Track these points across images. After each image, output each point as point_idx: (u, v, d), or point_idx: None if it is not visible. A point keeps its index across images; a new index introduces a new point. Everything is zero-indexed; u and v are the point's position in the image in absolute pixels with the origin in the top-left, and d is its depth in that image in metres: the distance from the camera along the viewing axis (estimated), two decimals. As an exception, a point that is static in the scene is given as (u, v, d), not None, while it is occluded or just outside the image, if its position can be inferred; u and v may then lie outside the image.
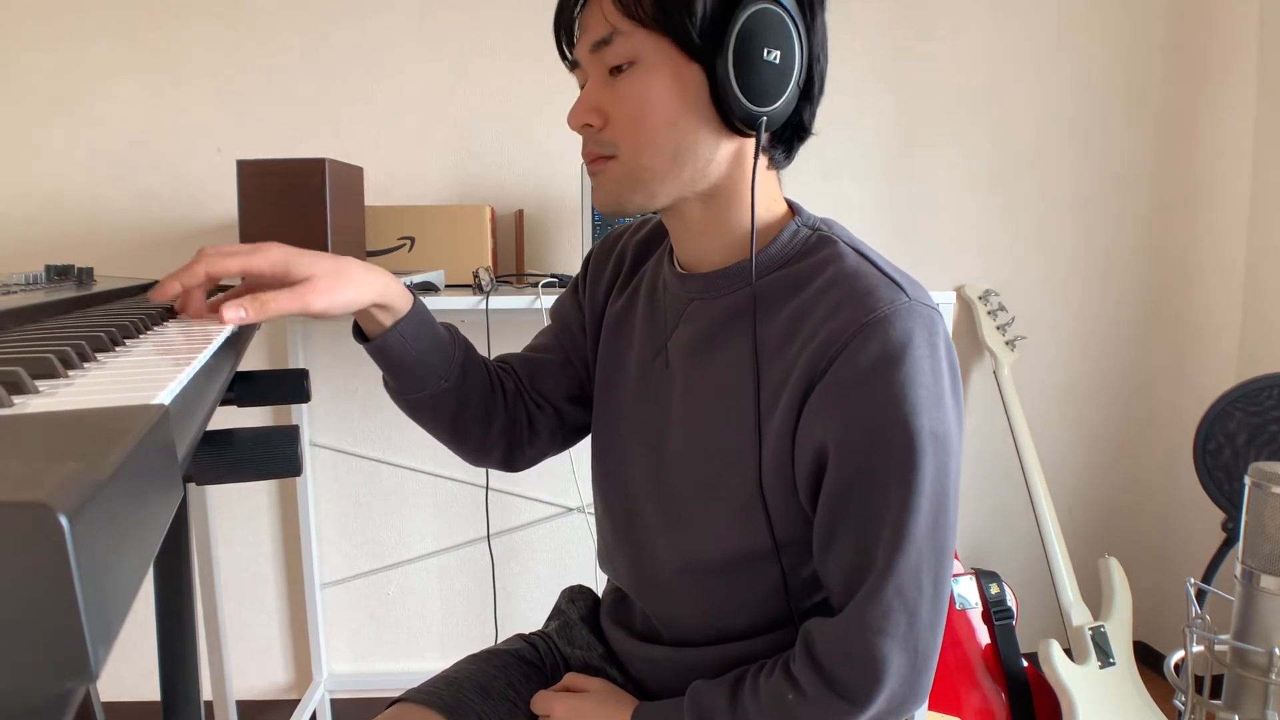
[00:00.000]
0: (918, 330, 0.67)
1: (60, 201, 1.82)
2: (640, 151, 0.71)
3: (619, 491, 0.87)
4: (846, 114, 1.94)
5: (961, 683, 1.76)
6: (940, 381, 0.68)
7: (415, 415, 0.88)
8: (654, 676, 0.87)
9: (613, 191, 0.74)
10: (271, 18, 1.81)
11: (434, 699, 0.85)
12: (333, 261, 0.74)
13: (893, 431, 0.66)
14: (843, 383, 0.67)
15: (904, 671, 0.69)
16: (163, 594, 1.00)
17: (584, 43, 0.72)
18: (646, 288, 0.86)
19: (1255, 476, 0.96)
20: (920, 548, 0.68)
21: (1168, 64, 1.98)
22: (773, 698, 0.73)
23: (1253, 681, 0.96)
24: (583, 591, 1.01)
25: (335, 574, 1.98)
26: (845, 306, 0.68)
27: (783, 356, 0.72)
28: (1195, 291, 2.03)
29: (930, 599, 0.69)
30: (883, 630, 0.68)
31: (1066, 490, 2.10)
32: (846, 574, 0.70)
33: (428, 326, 0.82)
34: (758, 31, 0.67)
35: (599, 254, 0.94)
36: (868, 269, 0.71)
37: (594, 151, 0.74)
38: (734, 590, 0.79)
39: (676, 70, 0.69)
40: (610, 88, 0.72)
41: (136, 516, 0.26)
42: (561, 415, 0.94)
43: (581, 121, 0.73)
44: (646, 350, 0.84)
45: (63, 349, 0.45)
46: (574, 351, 0.94)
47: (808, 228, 0.76)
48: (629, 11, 0.69)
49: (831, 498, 0.70)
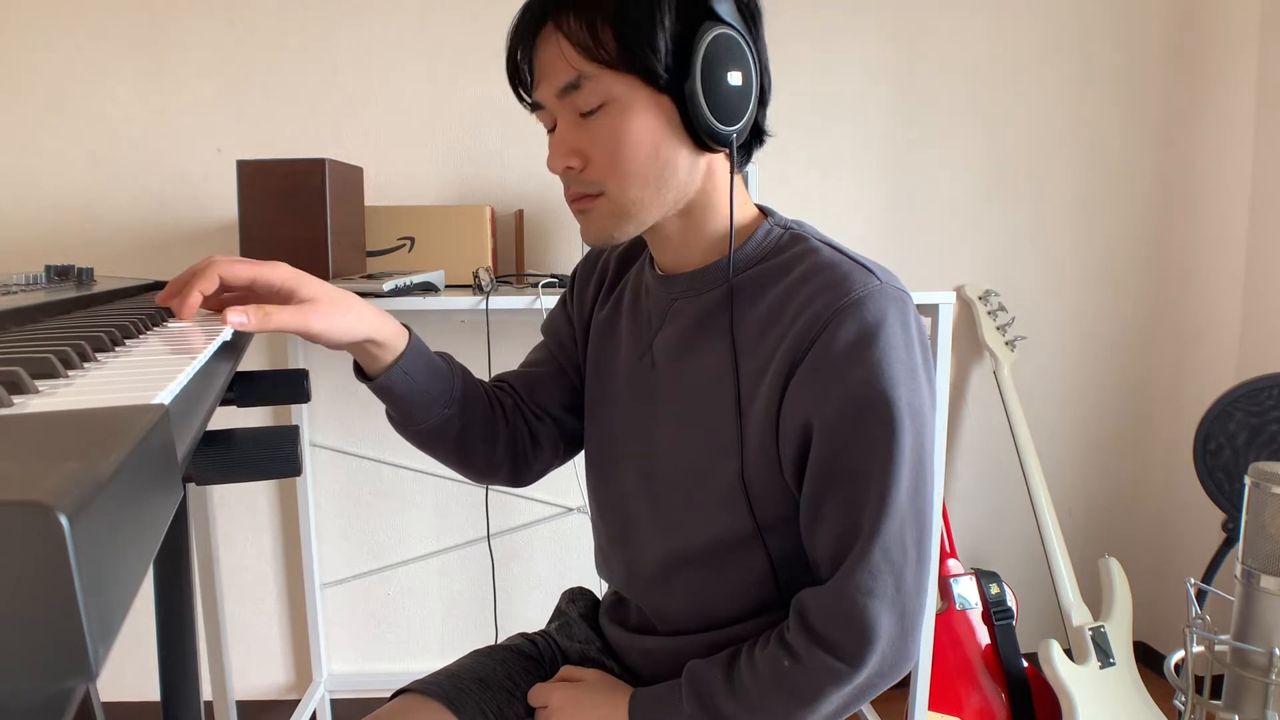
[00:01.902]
0: (891, 310, 0.71)
1: (60, 201, 1.82)
2: (627, 186, 0.74)
3: (612, 494, 0.90)
4: (846, 114, 1.94)
5: (961, 683, 1.76)
6: (914, 357, 0.72)
7: (420, 444, 0.89)
8: (649, 667, 0.89)
9: (604, 227, 0.76)
10: (271, 18, 1.81)
11: (435, 689, 0.87)
12: (337, 292, 0.76)
13: (873, 404, 0.69)
14: (823, 362, 0.70)
15: (893, 633, 0.72)
16: (163, 594, 1.00)
17: (547, 87, 0.74)
18: (630, 294, 0.89)
19: (1255, 476, 0.96)
20: (904, 513, 0.71)
21: (1168, 64, 1.98)
22: (769, 667, 0.75)
23: (1253, 681, 0.96)
24: (582, 592, 1.04)
25: (335, 574, 1.98)
26: (823, 293, 0.72)
27: (764, 344, 0.75)
28: (1195, 291, 2.03)
29: (914, 563, 0.72)
30: (871, 592, 0.71)
31: (1066, 490, 2.10)
32: (834, 543, 0.73)
33: (426, 359, 0.85)
34: (719, 56, 0.71)
35: (583, 268, 0.98)
36: (840, 258, 0.75)
37: (579, 191, 0.76)
38: (724, 579, 0.81)
39: (648, 104, 0.72)
40: (584, 128, 0.74)
41: (136, 516, 0.26)
42: (560, 425, 0.96)
43: (563, 166, 0.75)
44: (632, 353, 0.87)
45: (63, 349, 0.45)
46: (567, 362, 0.97)
47: (780, 227, 0.81)
48: (592, 55, 0.71)
49: (817, 471, 0.73)
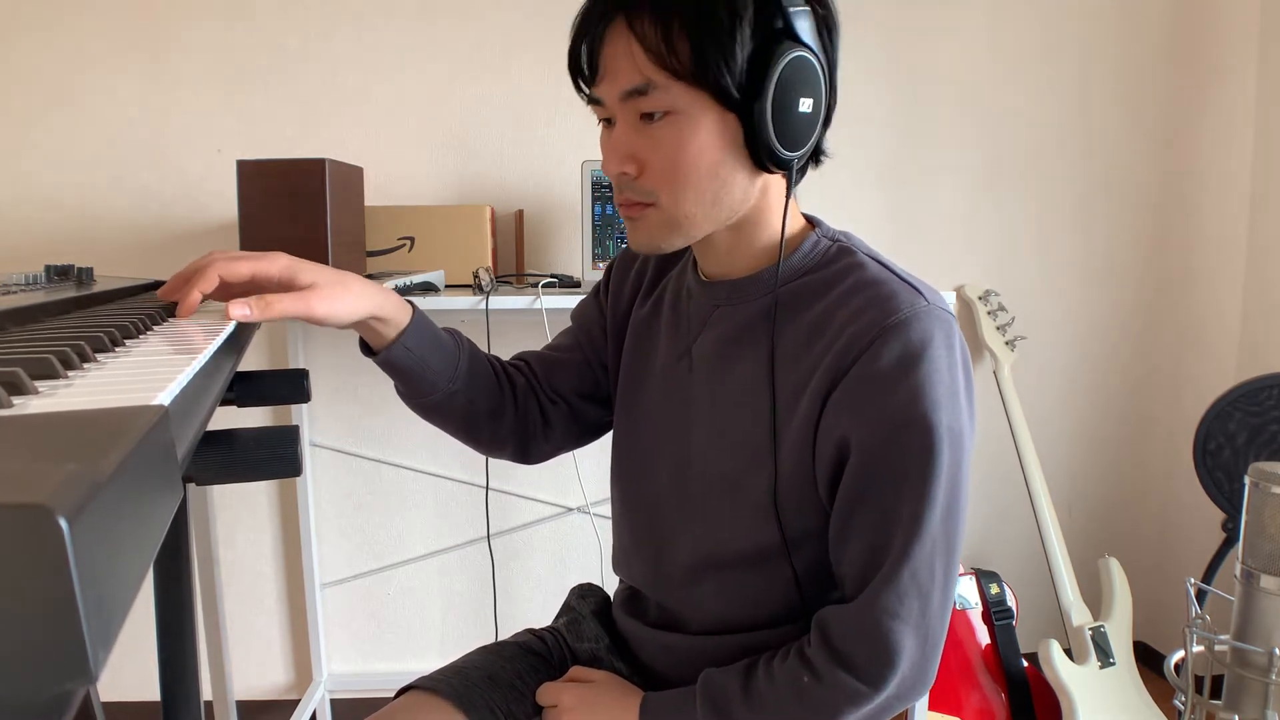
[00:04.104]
0: (936, 332, 0.70)
1: (60, 201, 1.82)
2: (682, 201, 0.73)
3: (642, 492, 0.89)
4: (846, 114, 1.94)
5: (961, 683, 1.76)
6: (956, 380, 0.71)
7: (427, 416, 0.90)
8: (668, 663, 0.88)
9: (654, 236, 0.75)
10: (271, 18, 1.81)
11: (443, 686, 0.86)
12: (335, 273, 0.76)
13: (913, 426, 0.69)
14: (865, 380, 0.69)
15: (915, 656, 0.72)
16: (163, 594, 1.00)
17: (611, 86, 0.71)
18: (670, 295, 0.89)
19: (1255, 476, 0.96)
20: (935, 537, 0.70)
21: (1168, 64, 1.98)
22: (787, 681, 0.74)
23: (1253, 681, 0.96)
24: (592, 589, 1.03)
25: (335, 574, 1.98)
26: (868, 310, 0.71)
27: (806, 357, 0.74)
28: (1195, 291, 2.03)
29: (941, 587, 0.72)
30: (897, 614, 0.70)
31: (1066, 490, 2.10)
32: (862, 561, 0.72)
33: (430, 334, 0.85)
34: (793, 80, 0.70)
35: (622, 262, 0.97)
36: (887, 275, 0.74)
37: (631, 198, 0.74)
38: (750, 585, 0.81)
39: (714, 120, 0.70)
40: (644, 134, 0.72)
41: (136, 517, 0.26)
42: (575, 411, 0.97)
43: (618, 170, 0.73)
44: (670, 354, 0.86)
45: (62, 349, 0.45)
46: (592, 353, 0.97)
47: (828, 239, 0.80)
48: (664, 64, 0.68)
49: (851, 488, 0.72)
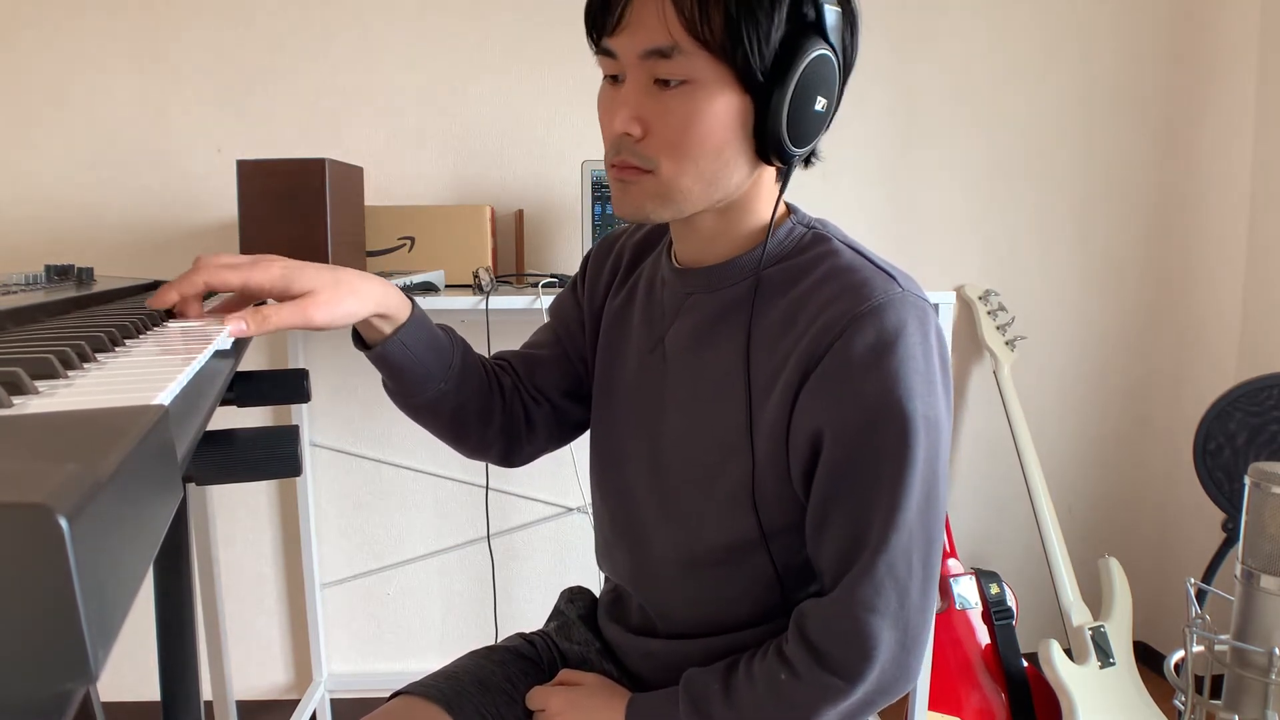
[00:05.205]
0: (911, 319, 0.69)
1: (60, 201, 1.82)
2: (681, 174, 0.70)
3: (617, 484, 0.88)
4: (846, 114, 1.93)
5: (961, 683, 1.76)
6: (932, 368, 0.70)
7: (415, 416, 0.89)
8: (650, 669, 0.88)
9: (642, 205, 0.73)
10: (271, 18, 1.81)
11: (433, 691, 0.86)
12: (331, 273, 0.73)
13: (888, 414, 0.68)
14: (839, 368, 0.68)
15: (894, 649, 0.70)
16: (163, 594, 1.00)
17: (632, 41, 0.68)
18: (644, 284, 0.88)
19: (1255, 476, 0.96)
20: (912, 527, 0.69)
21: (1168, 64, 1.98)
22: (766, 679, 0.74)
23: (1253, 681, 0.96)
24: (581, 592, 1.03)
25: (335, 574, 1.98)
26: (842, 297, 0.70)
27: (780, 345, 0.73)
28: (1195, 291, 2.03)
29: (920, 580, 0.71)
30: (874, 608, 0.69)
31: (1066, 490, 2.10)
32: (839, 553, 0.71)
33: (427, 331, 0.83)
34: (815, 77, 0.68)
35: (598, 253, 0.96)
36: (862, 262, 0.73)
37: (628, 161, 0.71)
38: (730, 581, 0.80)
39: (730, 100, 0.68)
40: (655, 98, 0.69)
41: (136, 517, 0.26)
42: (558, 410, 0.95)
43: (624, 130, 0.70)
44: (644, 344, 0.85)
45: (62, 349, 0.45)
46: (572, 348, 0.95)
47: (803, 226, 0.78)
48: (694, 31, 0.65)
49: (826, 479, 0.71)
